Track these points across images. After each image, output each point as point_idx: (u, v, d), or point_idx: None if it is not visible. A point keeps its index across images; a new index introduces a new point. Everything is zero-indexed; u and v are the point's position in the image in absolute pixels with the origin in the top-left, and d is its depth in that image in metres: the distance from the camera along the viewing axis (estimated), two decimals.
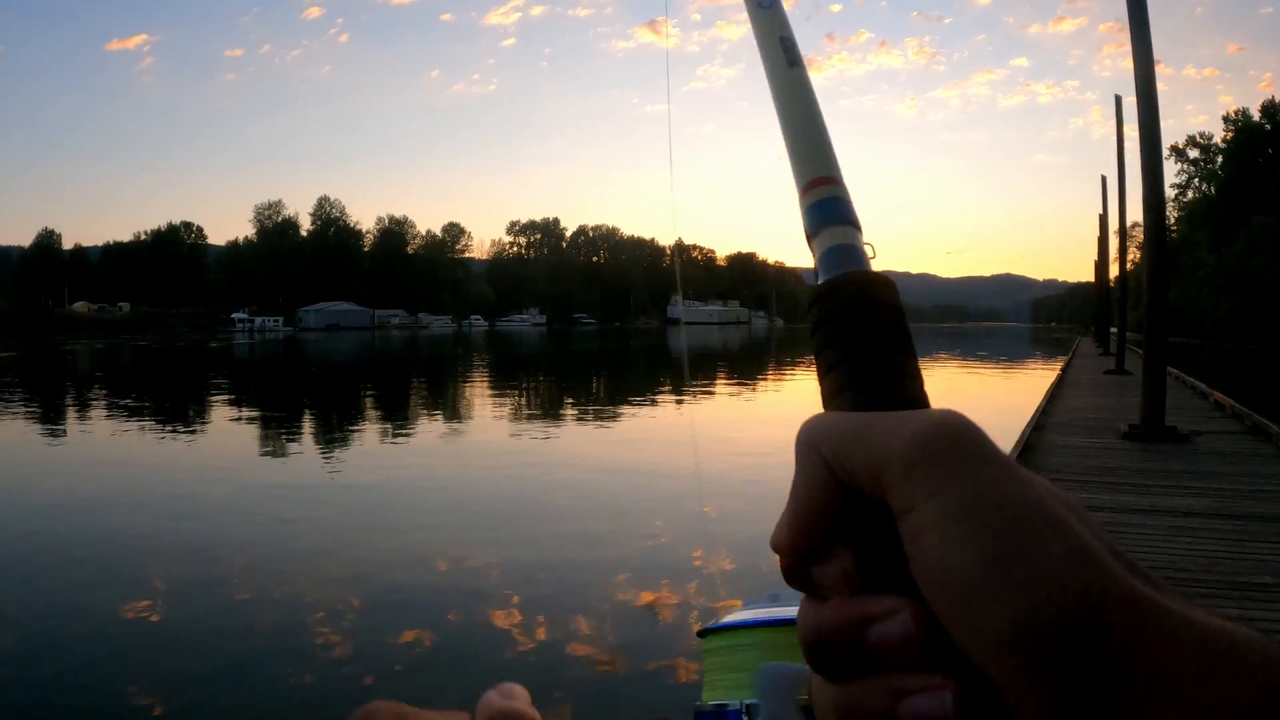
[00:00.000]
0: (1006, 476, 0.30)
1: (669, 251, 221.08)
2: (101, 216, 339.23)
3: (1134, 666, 0.26)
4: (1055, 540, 0.28)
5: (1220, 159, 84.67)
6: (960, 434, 0.31)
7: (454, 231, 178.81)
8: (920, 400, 0.35)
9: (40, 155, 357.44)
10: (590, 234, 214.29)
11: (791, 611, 0.57)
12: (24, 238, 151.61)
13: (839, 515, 0.32)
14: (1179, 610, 0.27)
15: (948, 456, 0.30)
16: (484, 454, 15.93)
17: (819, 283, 0.37)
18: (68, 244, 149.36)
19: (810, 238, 0.39)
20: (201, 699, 5.47)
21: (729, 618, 0.48)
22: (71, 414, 23.58)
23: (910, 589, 0.30)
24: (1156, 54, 12.18)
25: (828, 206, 0.39)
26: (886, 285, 0.37)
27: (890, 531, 0.31)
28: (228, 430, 20.21)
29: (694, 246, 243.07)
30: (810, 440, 0.33)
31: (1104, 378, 23.90)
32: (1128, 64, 12.23)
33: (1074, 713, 0.27)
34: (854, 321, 0.35)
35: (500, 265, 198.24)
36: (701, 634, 0.50)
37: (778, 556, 0.33)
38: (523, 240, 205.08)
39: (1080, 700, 0.27)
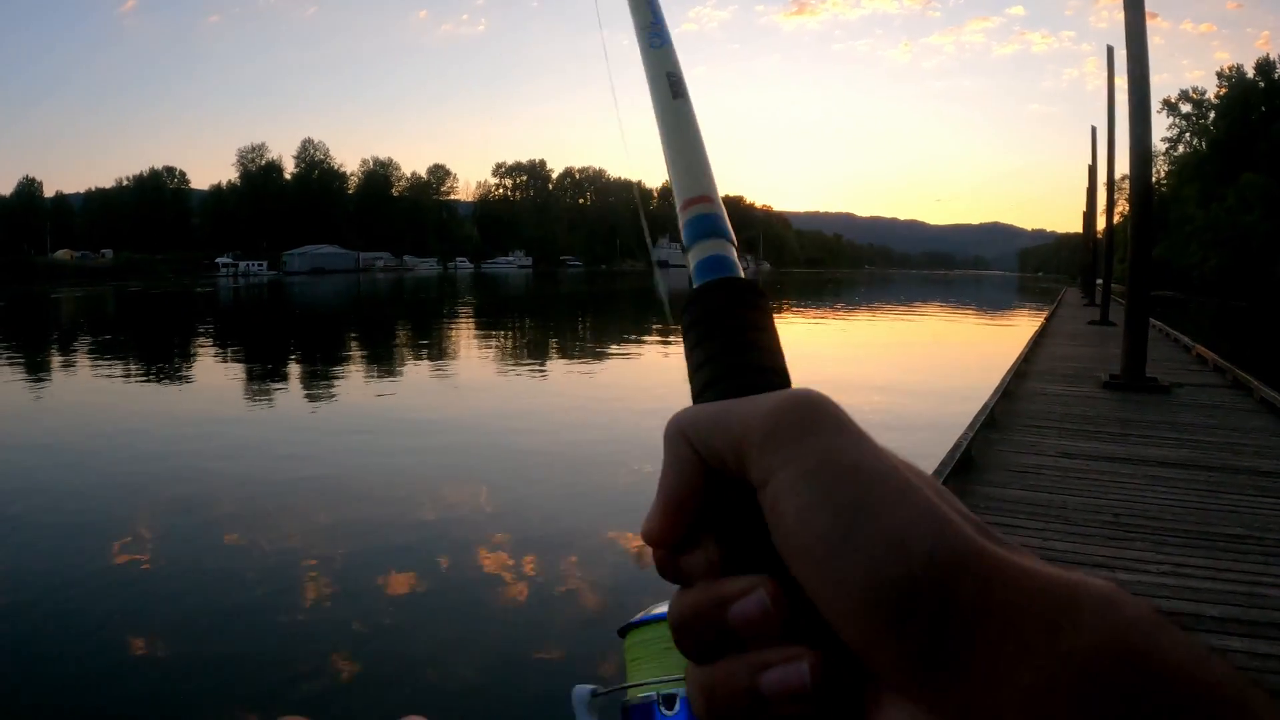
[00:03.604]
0: (859, 444, 0.31)
1: (656, 194, 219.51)
2: (83, 163, 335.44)
3: (983, 621, 0.27)
4: (905, 501, 0.29)
5: (1212, 115, 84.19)
6: (815, 406, 0.32)
7: (439, 173, 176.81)
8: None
9: (20, 102, 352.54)
10: (577, 176, 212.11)
11: None
12: (4, 186, 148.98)
13: (705, 505, 0.33)
14: (1026, 564, 0.28)
15: (803, 425, 0.31)
16: (471, 396, 15.95)
17: (692, 289, 0.40)
18: (49, 192, 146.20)
19: (686, 250, 0.41)
20: (193, 643, 5.52)
21: (648, 612, 0.50)
22: (63, 361, 23.51)
23: (772, 569, 0.31)
24: (1154, 7, 12.12)
25: (703, 222, 0.42)
26: (754, 290, 0.39)
27: (752, 515, 0.32)
28: (213, 375, 20.20)
29: None
30: (678, 428, 0.34)
31: (1088, 328, 24.00)
32: (1123, 16, 12.14)
33: (927, 669, 0.27)
34: (722, 323, 0.38)
35: (486, 207, 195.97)
36: (621, 632, 0.51)
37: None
38: (509, 182, 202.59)
39: (933, 656, 0.27)
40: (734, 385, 0.36)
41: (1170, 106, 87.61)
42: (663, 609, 0.48)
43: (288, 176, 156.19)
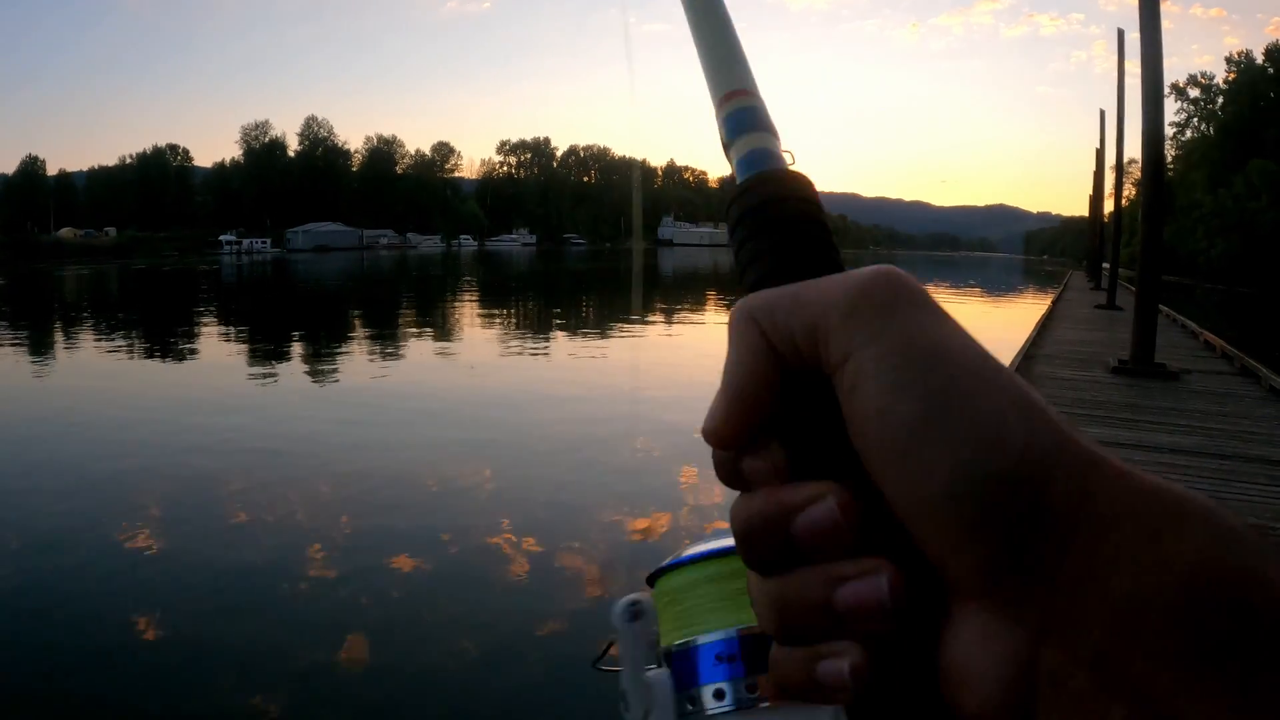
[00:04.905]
0: (950, 324, 0.29)
1: (660, 172, 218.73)
2: (86, 141, 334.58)
3: (1078, 522, 0.25)
4: (997, 388, 0.27)
5: (1221, 100, 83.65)
6: (901, 281, 0.30)
7: (444, 151, 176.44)
8: None
9: (22, 80, 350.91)
10: (581, 154, 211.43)
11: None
12: (7, 165, 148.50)
13: (772, 404, 0.30)
14: (1125, 468, 0.26)
15: (887, 302, 0.29)
16: (474, 374, 15.92)
17: (737, 184, 0.38)
18: (52, 170, 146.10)
19: (727, 147, 0.39)
20: (199, 623, 5.52)
21: (675, 557, 0.48)
22: (67, 339, 23.53)
23: (844, 474, 0.29)
24: None
25: (743, 115, 0.39)
26: (803, 181, 0.37)
27: (824, 413, 0.30)
28: (219, 354, 20.21)
29: (685, 168, 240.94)
30: (747, 312, 0.31)
31: (1095, 312, 23.91)
32: None
33: (1011, 573, 0.25)
34: (774, 214, 0.36)
35: (490, 185, 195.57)
36: (650, 579, 0.50)
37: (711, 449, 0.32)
38: (513, 160, 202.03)
39: (1019, 559, 0.25)
40: (796, 272, 0.33)
41: (1178, 91, 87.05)
42: (688, 552, 0.48)
43: (291, 154, 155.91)
